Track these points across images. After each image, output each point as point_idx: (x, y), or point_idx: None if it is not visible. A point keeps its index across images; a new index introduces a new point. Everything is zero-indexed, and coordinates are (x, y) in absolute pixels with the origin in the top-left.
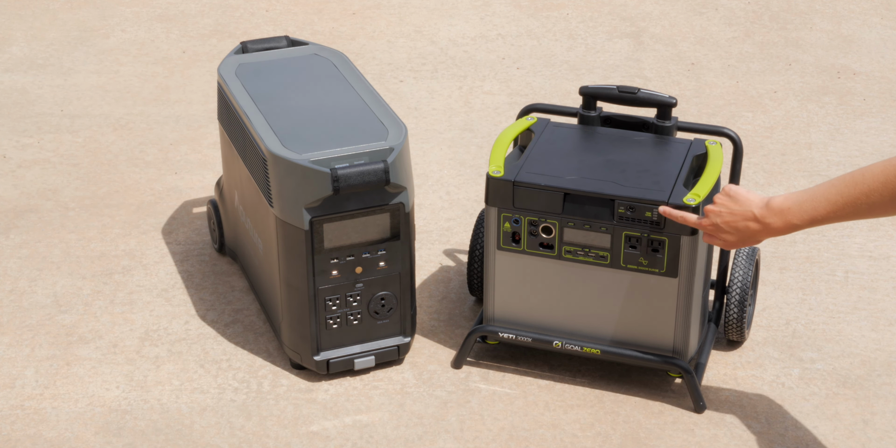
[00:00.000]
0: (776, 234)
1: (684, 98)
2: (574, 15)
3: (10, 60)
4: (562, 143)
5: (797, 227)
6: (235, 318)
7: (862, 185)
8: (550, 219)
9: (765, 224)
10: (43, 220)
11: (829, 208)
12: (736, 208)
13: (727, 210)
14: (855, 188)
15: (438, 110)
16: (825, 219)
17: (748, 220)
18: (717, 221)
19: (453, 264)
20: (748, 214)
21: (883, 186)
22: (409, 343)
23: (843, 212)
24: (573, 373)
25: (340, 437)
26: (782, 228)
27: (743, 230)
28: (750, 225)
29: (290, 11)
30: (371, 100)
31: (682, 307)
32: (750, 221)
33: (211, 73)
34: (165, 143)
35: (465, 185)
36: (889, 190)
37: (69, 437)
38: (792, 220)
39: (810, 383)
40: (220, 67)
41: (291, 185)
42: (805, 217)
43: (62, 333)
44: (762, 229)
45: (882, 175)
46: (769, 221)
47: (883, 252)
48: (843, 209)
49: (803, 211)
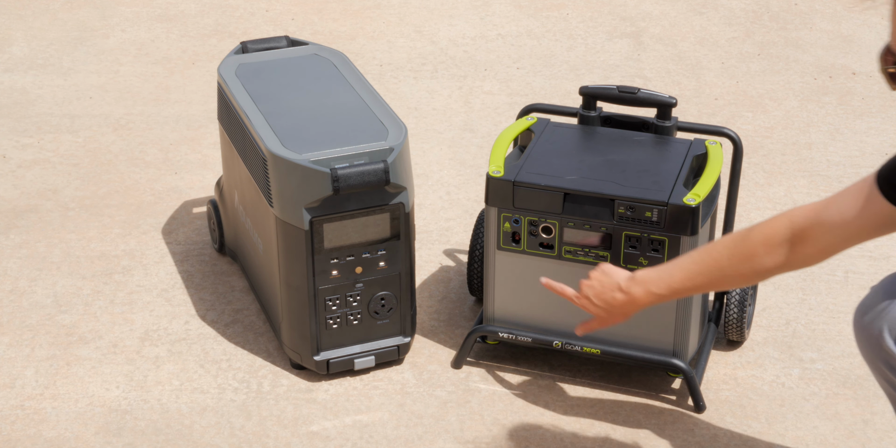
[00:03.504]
0: (641, 305)
1: (684, 98)
2: (574, 15)
3: (10, 60)
4: (562, 143)
5: (660, 296)
6: (235, 318)
7: (714, 252)
8: (550, 219)
9: (629, 294)
10: (43, 220)
11: (684, 276)
12: (606, 280)
13: (598, 283)
14: (707, 256)
15: (438, 110)
16: (683, 288)
17: (614, 291)
18: (588, 294)
19: (453, 264)
20: (614, 285)
21: (730, 253)
22: (409, 343)
23: (698, 281)
24: (573, 373)
25: (340, 437)
26: (644, 298)
27: (610, 301)
28: (616, 295)
29: (290, 11)
30: (371, 100)
31: (681, 307)
32: (616, 292)
33: (211, 73)
34: (165, 143)
35: (465, 185)
36: (736, 256)
37: (69, 437)
38: (652, 289)
39: (810, 383)
40: (220, 67)
41: (291, 185)
42: (663, 286)
43: (62, 333)
44: (627, 300)
45: (731, 243)
46: (633, 292)
47: (883, 252)
48: (697, 278)
49: (662, 280)
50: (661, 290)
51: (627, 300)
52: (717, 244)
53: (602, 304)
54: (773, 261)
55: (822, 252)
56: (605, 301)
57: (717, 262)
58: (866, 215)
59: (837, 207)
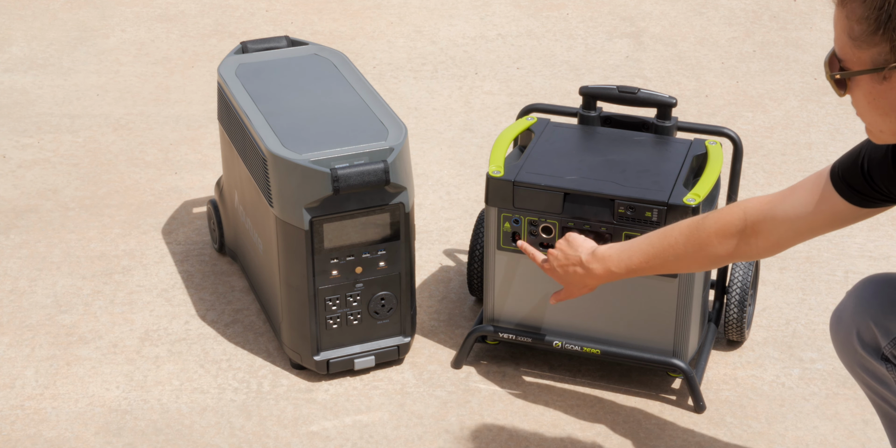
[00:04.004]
0: (599, 280)
1: (684, 98)
2: (574, 15)
3: (10, 60)
4: (562, 143)
5: (616, 274)
6: (235, 318)
7: (670, 237)
8: (550, 219)
9: (588, 270)
10: (43, 220)
11: (642, 258)
12: (569, 253)
13: (562, 254)
14: (664, 240)
15: (438, 110)
16: (639, 268)
17: (575, 265)
18: (553, 265)
19: (453, 264)
20: (576, 259)
21: (686, 239)
22: (409, 343)
23: (654, 262)
24: (573, 373)
25: (340, 437)
26: (603, 275)
27: (572, 274)
28: (577, 270)
29: (290, 11)
30: (371, 100)
31: (681, 307)
32: (577, 266)
33: (211, 73)
34: (165, 143)
35: (465, 185)
36: (691, 242)
37: (69, 437)
38: (610, 267)
39: (810, 383)
40: (220, 67)
41: (291, 185)
42: (622, 265)
43: (62, 333)
44: (586, 274)
45: (687, 229)
46: (592, 267)
47: (883, 252)
48: (653, 259)
49: (620, 259)
50: (620, 269)
51: (586, 275)
52: (674, 229)
53: (564, 275)
54: (725, 250)
55: (775, 245)
56: (567, 273)
57: (672, 248)
58: (820, 211)
59: (791, 202)
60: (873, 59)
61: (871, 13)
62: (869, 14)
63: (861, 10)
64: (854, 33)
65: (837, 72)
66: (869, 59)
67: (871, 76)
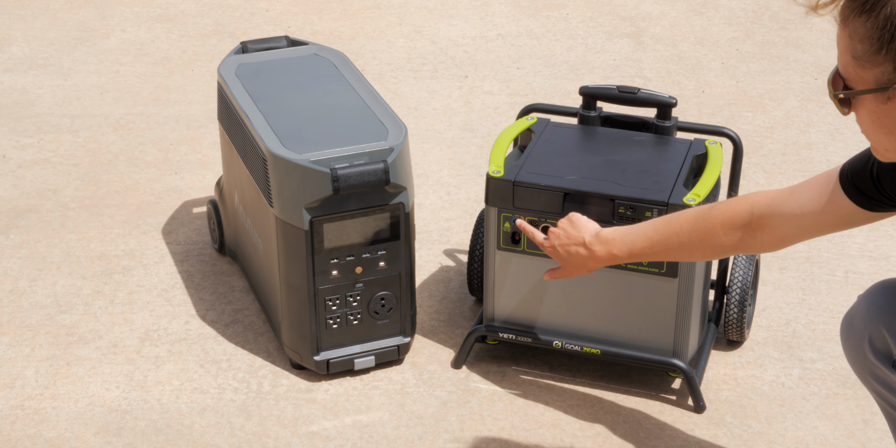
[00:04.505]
0: (601, 263)
1: (684, 98)
2: (574, 15)
3: (10, 60)
4: (562, 143)
5: (618, 258)
6: (235, 318)
7: (675, 224)
8: (550, 219)
9: (591, 251)
10: (43, 220)
11: (645, 243)
12: (572, 233)
13: (565, 233)
14: (669, 227)
15: (438, 110)
16: (642, 253)
17: (578, 246)
18: (555, 243)
19: (453, 264)
20: (579, 240)
21: (691, 227)
22: (409, 343)
23: (657, 248)
24: (573, 373)
25: (340, 437)
26: (605, 258)
27: (574, 255)
28: (579, 250)
29: (290, 11)
30: (371, 100)
31: (681, 307)
32: (580, 247)
33: (211, 73)
34: (165, 143)
35: (465, 185)
36: (696, 231)
37: (69, 437)
38: (613, 251)
39: (810, 383)
40: (220, 67)
41: (291, 185)
42: (625, 249)
43: (62, 333)
44: (589, 256)
45: (693, 217)
46: (595, 249)
47: (883, 252)
48: (657, 245)
49: (624, 243)
50: (622, 253)
51: (588, 256)
52: (680, 217)
53: (565, 254)
54: (729, 241)
55: (779, 241)
56: (568, 252)
57: (677, 236)
58: (827, 211)
59: (799, 200)
60: (877, 79)
61: (873, 33)
62: (872, 34)
63: (864, 29)
64: (857, 53)
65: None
66: (872, 79)
67: (874, 96)
